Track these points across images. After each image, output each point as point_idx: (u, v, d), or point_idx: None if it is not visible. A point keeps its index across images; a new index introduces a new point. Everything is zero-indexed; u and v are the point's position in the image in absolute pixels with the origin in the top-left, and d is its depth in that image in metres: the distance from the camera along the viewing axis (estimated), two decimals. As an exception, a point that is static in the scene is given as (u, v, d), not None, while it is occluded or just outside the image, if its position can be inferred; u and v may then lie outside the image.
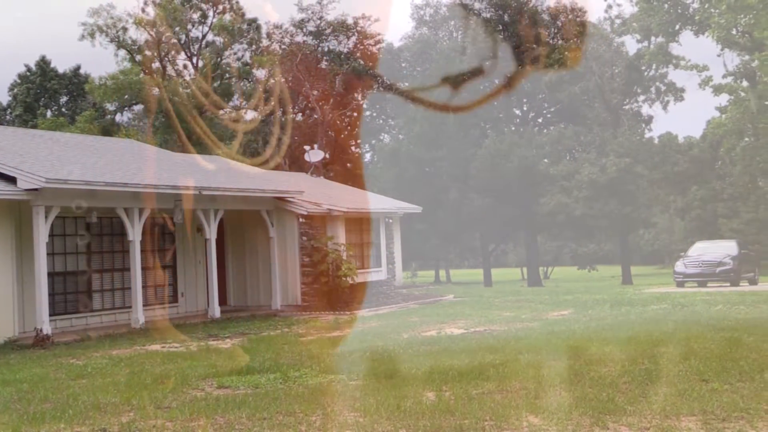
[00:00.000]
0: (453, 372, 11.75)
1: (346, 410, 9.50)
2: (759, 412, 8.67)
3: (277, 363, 13.50)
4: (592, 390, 10.09)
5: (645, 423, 8.43)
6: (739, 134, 38.66)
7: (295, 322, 21.59)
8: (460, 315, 22.10)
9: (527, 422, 8.61)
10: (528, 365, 12.16)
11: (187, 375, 12.51)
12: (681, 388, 9.99)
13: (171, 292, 23.82)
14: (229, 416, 9.38)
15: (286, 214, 25.16)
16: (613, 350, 13.42)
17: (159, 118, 51.20)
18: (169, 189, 21.12)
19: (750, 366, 11.39)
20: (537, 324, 18.67)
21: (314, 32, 56.61)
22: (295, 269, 25.15)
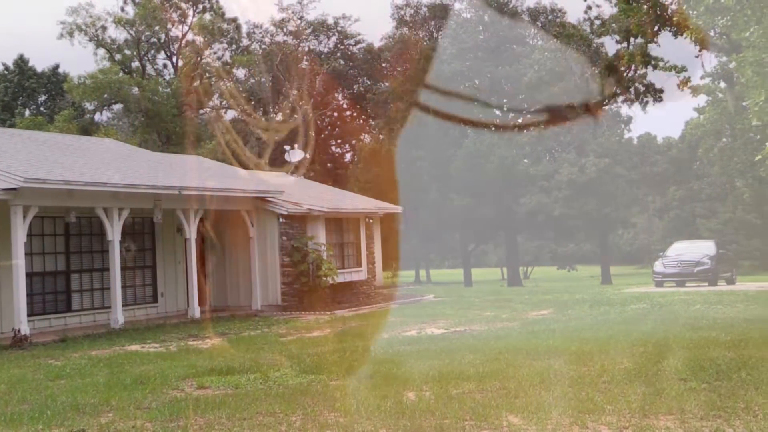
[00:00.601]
0: (433, 372, 11.77)
1: (326, 410, 9.49)
2: (736, 410, 8.73)
3: (257, 363, 13.48)
4: (571, 389, 10.14)
5: (624, 422, 8.47)
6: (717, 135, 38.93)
7: (275, 322, 21.56)
8: (441, 315, 22.13)
9: (507, 422, 8.64)
10: (508, 365, 12.20)
11: (166, 375, 12.47)
12: (659, 387, 10.05)
13: (150, 293, 23.73)
14: (208, 416, 9.36)
15: (267, 214, 25.11)
16: (592, 350, 13.49)
17: (138, 118, 50.98)
18: (149, 189, 21.03)
19: (727, 365, 11.47)
20: (517, 324, 18.73)
21: (295, 32, 56.58)
22: (275, 269, 25.11)
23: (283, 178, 32.43)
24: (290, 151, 36.16)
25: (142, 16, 50.42)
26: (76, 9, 50.62)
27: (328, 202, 28.20)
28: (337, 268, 26.21)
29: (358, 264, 28.41)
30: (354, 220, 28.50)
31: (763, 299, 23.62)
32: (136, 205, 20.98)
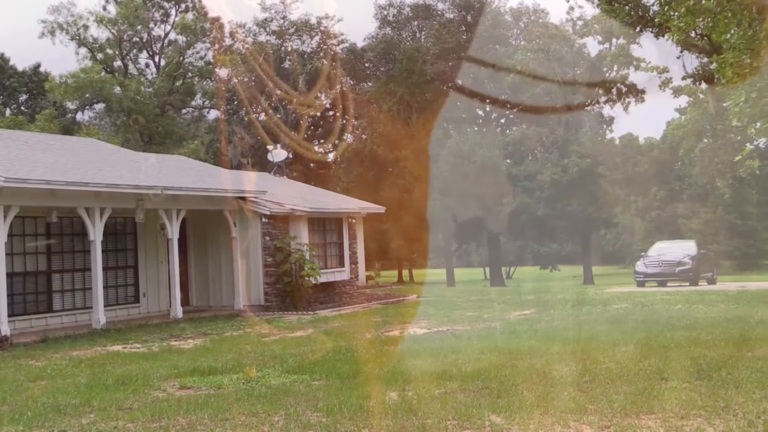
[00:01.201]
0: (416, 372, 11.79)
1: (308, 410, 9.49)
2: (716, 409, 8.79)
3: (240, 363, 13.46)
4: (553, 389, 10.17)
5: (606, 421, 8.51)
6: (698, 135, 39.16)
7: (258, 322, 21.52)
8: (423, 315, 22.16)
9: (489, 422, 8.66)
10: (490, 365, 12.22)
11: (148, 376, 12.43)
12: (641, 386, 10.10)
13: (133, 293, 23.65)
14: (191, 417, 9.33)
15: (249, 214, 25.06)
16: (574, 350, 13.54)
17: (120, 117, 50.77)
18: (131, 188, 20.95)
19: (708, 364, 11.54)
20: (499, 324, 18.77)
21: (277, 32, 56.51)
22: (257, 269, 25.07)
23: (265, 178, 32.38)
24: (273, 151, 36.12)
25: (124, 15, 50.22)
26: (58, 8, 50.38)
27: (311, 202, 28.18)
28: (319, 268, 26.20)
29: (340, 264, 28.40)
30: (337, 220, 28.49)
31: (743, 299, 23.77)
32: (118, 205, 20.89)
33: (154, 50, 53.82)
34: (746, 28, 15.44)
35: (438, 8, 56.85)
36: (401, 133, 49.68)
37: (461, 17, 55.97)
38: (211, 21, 53.16)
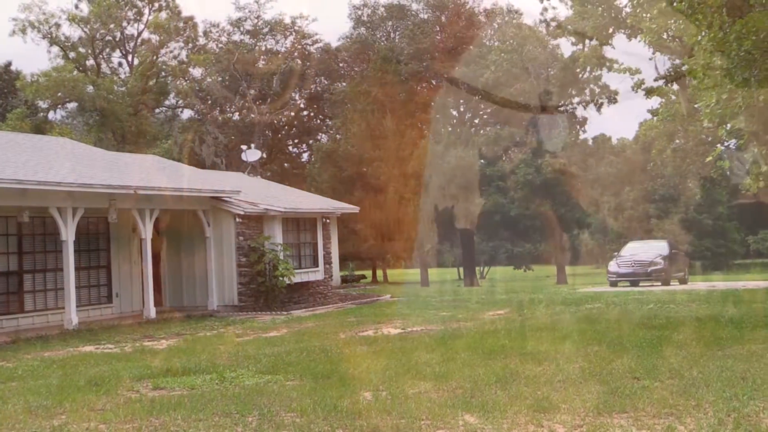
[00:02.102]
0: (390, 372, 11.80)
1: (282, 411, 9.48)
2: (688, 408, 8.87)
3: (214, 364, 13.43)
4: (527, 388, 10.22)
5: (578, 420, 8.56)
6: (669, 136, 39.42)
7: (232, 322, 21.48)
8: (397, 315, 22.19)
9: (463, 421, 8.68)
10: (464, 365, 12.26)
11: (121, 376, 12.37)
12: (614, 386, 10.16)
13: (105, 293, 23.52)
14: (164, 418, 9.30)
15: (223, 214, 24.99)
16: (548, 349, 13.61)
17: (93, 117, 50.40)
18: (104, 188, 20.83)
19: (679, 363, 11.64)
20: (473, 324, 18.82)
21: (252, 31, 56.34)
22: (231, 269, 25.00)
23: (239, 178, 32.30)
24: (247, 151, 36.03)
25: (97, 13, 49.84)
26: (29, 5, 49.88)
27: (285, 202, 28.15)
28: (293, 268, 26.18)
29: (315, 264, 28.39)
30: (311, 220, 28.47)
31: (714, 298, 23.97)
32: (90, 205, 20.78)
33: (127, 49, 53.46)
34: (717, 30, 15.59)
35: (412, 8, 56.88)
36: (375, 133, 49.68)
37: (435, 17, 56.03)
38: (184, 20, 52.90)
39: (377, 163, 49.16)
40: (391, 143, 49.19)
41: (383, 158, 49.02)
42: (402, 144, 49.63)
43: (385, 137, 49.37)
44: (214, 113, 57.71)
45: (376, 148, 49.17)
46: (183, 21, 53.00)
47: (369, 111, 49.76)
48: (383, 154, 49.01)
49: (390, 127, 49.58)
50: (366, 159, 49.44)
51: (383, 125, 49.64)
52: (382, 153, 48.98)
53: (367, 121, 49.67)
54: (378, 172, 48.97)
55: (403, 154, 49.36)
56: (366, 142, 49.46)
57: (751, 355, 12.31)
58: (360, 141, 49.68)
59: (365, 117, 49.77)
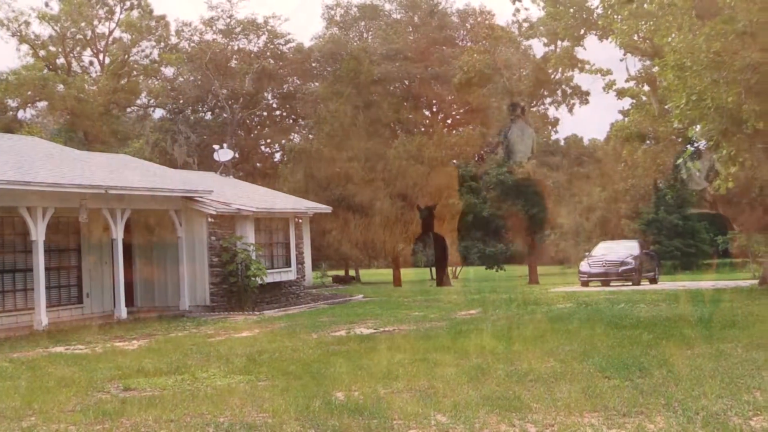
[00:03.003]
0: (362, 372, 11.81)
1: (254, 411, 9.46)
2: (657, 406, 8.94)
3: (185, 364, 13.38)
4: (499, 388, 10.26)
5: (550, 420, 8.61)
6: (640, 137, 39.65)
7: (204, 322, 21.39)
8: (370, 315, 22.20)
9: (435, 421, 8.71)
10: (436, 364, 12.29)
11: (91, 377, 12.29)
12: (584, 385, 10.23)
13: (76, 293, 23.34)
14: (135, 419, 9.25)
15: (195, 214, 24.89)
16: (519, 349, 13.67)
17: (64, 116, 50.00)
18: (74, 188, 20.68)
19: (649, 362, 11.74)
20: (445, 323, 18.86)
21: (224, 30, 56.12)
22: (203, 269, 24.91)
23: (211, 178, 32.18)
24: (219, 151, 35.89)
25: (68, 11, 49.44)
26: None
27: (258, 202, 28.08)
28: (266, 268, 26.12)
29: (287, 264, 28.34)
30: (283, 220, 28.41)
31: (684, 298, 24.17)
32: (61, 205, 20.62)
33: (98, 48, 53.06)
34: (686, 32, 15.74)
35: (385, 9, 56.90)
36: (348, 133, 49.65)
37: (408, 18, 56.08)
38: (156, 19, 52.61)
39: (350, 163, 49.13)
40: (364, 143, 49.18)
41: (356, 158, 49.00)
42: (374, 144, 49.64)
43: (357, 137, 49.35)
44: (186, 113, 57.45)
45: (349, 148, 49.14)
46: (155, 20, 52.70)
47: (341, 111, 49.71)
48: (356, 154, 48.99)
49: (363, 127, 49.57)
50: (339, 159, 49.39)
51: (356, 125, 49.62)
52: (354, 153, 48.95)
53: (339, 121, 49.62)
54: (351, 172, 48.93)
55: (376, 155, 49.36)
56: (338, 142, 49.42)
57: (719, 354, 12.43)
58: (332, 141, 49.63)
59: (338, 117, 49.72)
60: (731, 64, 16.47)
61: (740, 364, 11.45)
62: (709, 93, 17.41)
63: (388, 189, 49.24)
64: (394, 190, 49.39)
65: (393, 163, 48.81)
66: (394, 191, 49.44)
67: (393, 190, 49.36)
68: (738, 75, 16.72)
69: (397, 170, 49.15)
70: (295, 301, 27.82)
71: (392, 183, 49.33)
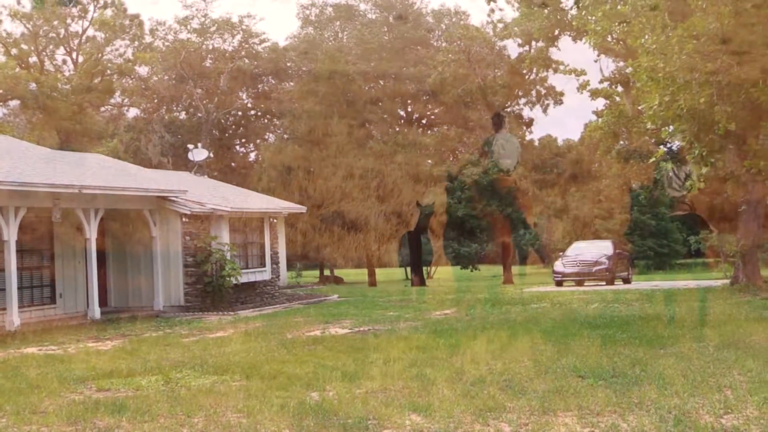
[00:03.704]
0: (337, 372, 11.81)
1: (229, 411, 9.44)
2: (630, 406, 9.02)
3: (159, 365, 13.32)
4: (474, 388, 10.30)
5: (524, 419, 8.65)
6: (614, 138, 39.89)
7: (178, 323, 21.31)
8: (345, 315, 22.20)
9: (410, 421, 8.73)
10: (411, 364, 12.31)
11: (64, 378, 12.21)
12: (559, 384, 10.29)
13: (49, 293, 23.14)
14: (108, 420, 9.20)
15: (169, 214, 24.78)
16: (494, 349, 13.72)
17: (36, 115, 49.59)
18: (47, 187, 20.52)
19: (623, 362, 11.82)
20: (420, 323, 18.90)
21: (199, 30, 55.91)
22: (178, 269, 24.81)
23: (186, 178, 32.05)
24: (194, 150, 35.74)
25: (40, 9, 49.07)
26: (-30, 1, 49.00)
27: (232, 201, 27.99)
28: (240, 268, 26.05)
29: (262, 264, 28.27)
30: (258, 220, 28.34)
31: (656, 298, 24.36)
32: (33, 204, 20.45)
33: (71, 46, 52.68)
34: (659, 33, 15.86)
35: (360, 9, 56.92)
36: (323, 133, 49.62)
37: (383, 18, 56.12)
38: (130, 18, 52.30)
39: (325, 162, 49.10)
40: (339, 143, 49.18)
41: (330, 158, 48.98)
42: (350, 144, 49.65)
43: (332, 137, 49.33)
44: (161, 112, 57.17)
45: (324, 148, 49.11)
46: (129, 19, 52.37)
47: (316, 111, 49.67)
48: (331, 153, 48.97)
49: (338, 126, 49.55)
50: (314, 159, 49.35)
51: (331, 125, 49.60)
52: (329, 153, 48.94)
53: (314, 120, 49.57)
54: (326, 171, 48.90)
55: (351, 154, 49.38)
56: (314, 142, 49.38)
57: (691, 354, 12.55)
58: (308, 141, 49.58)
59: (313, 117, 49.66)
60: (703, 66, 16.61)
61: (712, 363, 11.56)
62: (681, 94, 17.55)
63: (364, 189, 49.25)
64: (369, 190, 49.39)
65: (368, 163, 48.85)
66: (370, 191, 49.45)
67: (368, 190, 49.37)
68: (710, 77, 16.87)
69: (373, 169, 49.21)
70: (270, 301, 27.76)
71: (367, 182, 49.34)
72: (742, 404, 8.96)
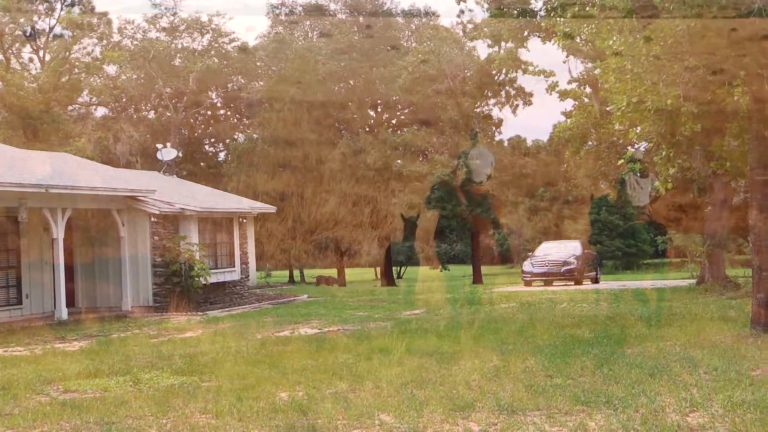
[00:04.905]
0: (306, 372, 11.80)
1: (198, 412, 9.41)
2: (598, 404, 9.08)
3: (128, 365, 13.24)
4: (443, 388, 10.33)
5: (493, 419, 8.69)
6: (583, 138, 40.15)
7: (147, 323, 21.19)
8: (314, 315, 22.19)
9: (380, 421, 8.74)
10: (380, 364, 12.32)
11: (30, 380, 12.09)
12: (527, 384, 10.35)
13: (15, 294, 22.92)
14: (75, 421, 9.14)
15: (138, 214, 24.64)
16: (463, 348, 13.77)
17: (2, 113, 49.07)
18: (13, 186, 20.31)
19: (591, 361, 11.90)
20: (390, 324, 18.92)
21: (168, 29, 55.59)
22: (146, 270, 24.67)
23: (155, 177, 31.87)
24: (163, 150, 35.54)
25: (5, 7, 48.54)
26: (-67, -2, 48.35)
27: (201, 201, 27.87)
28: (210, 268, 25.96)
29: (231, 264, 28.17)
30: (227, 220, 28.24)
31: (624, 297, 24.55)
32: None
33: (38, 44, 52.19)
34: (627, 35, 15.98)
35: (330, 8, 56.87)
36: (293, 133, 49.51)
37: (353, 18, 56.10)
38: (98, 16, 51.87)
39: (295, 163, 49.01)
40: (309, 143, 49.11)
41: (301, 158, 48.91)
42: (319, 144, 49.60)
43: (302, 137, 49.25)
44: (129, 111, 56.76)
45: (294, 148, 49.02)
46: (97, 17, 51.95)
47: (286, 110, 49.56)
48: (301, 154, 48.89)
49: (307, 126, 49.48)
50: (283, 159, 49.25)
51: (301, 125, 49.51)
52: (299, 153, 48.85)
53: (284, 120, 49.46)
54: (295, 172, 48.82)
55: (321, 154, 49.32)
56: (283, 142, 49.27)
57: (659, 353, 12.66)
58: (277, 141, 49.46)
59: (282, 117, 49.55)
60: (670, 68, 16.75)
61: (678, 362, 11.67)
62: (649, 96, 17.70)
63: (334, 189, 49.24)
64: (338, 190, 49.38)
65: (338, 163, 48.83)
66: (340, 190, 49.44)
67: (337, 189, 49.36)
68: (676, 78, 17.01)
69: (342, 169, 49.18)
70: (239, 301, 27.67)
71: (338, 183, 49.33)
72: (708, 402, 9.05)
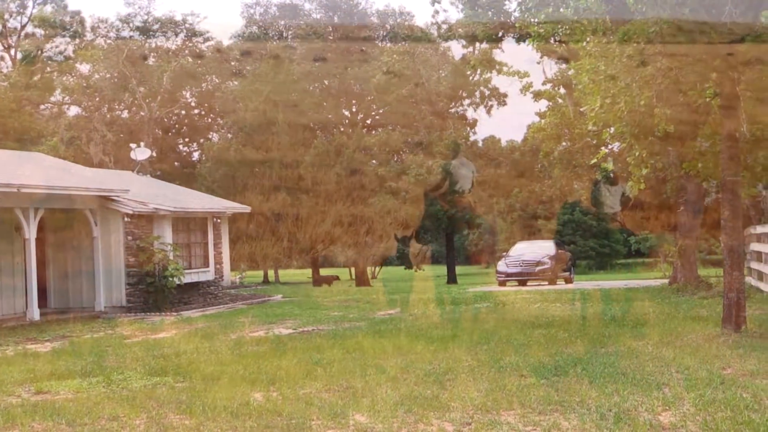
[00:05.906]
0: (281, 372, 11.78)
1: (171, 413, 9.37)
2: (572, 404, 9.13)
3: (100, 366, 13.16)
4: (417, 387, 10.35)
5: (467, 418, 8.72)
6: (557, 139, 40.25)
7: (120, 323, 21.07)
8: (289, 315, 22.15)
9: (354, 421, 8.75)
10: (355, 364, 12.33)
11: (1, 381, 11.99)
12: (501, 383, 10.38)
13: (-15, 295, 22.74)
14: (47, 423, 9.08)
15: (111, 214, 24.49)
16: (437, 348, 13.80)
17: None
18: (-16, 186, 20.15)
19: (564, 361, 11.96)
20: (364, 323, 18.93)
21: (141, 27, 55.28)
22: (119, 270, 24.53)
23: (128, 177, 31.69)
24: (136, 149, 35.34)
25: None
26: None
27: (175, 201, 27.75)
28: (184, 268, 25.85)
29: (205, 264, 28.07)
30: (201, 220, 28.14)
31: (597, 297, 24.69)
32: (-30, 204, 20.08)
33: (9, 43, 51.78)
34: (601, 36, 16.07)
35: (305, 8, 56.80)
36: (267, 133, 49.41)
37: (328, 18, 56.05)
38: (71, 14, 51.53)
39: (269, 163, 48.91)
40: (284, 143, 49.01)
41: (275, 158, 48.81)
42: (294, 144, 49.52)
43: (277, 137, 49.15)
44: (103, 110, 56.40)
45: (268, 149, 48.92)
46: (69, 15, 51.61)
47: (260, 110, 49.43)
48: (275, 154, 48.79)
49: (282, 126, 49.38)
50: (258, 159, 49.13)
51: (275, 125, 49.41)
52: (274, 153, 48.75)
53: (258, 120, 49.33)
54: (270, 171, 48.72)
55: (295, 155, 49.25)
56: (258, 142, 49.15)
57: (631, 352, 12.75)
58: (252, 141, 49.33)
59: (257, 116, 49.41)
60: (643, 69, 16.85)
61: (650, 361, 11.76)
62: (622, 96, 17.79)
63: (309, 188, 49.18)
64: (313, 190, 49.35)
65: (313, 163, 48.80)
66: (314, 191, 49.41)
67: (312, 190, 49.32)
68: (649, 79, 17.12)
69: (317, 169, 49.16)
70: (214, 301, 27.57)
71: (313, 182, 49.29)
72: (680, 401, 9.12)
